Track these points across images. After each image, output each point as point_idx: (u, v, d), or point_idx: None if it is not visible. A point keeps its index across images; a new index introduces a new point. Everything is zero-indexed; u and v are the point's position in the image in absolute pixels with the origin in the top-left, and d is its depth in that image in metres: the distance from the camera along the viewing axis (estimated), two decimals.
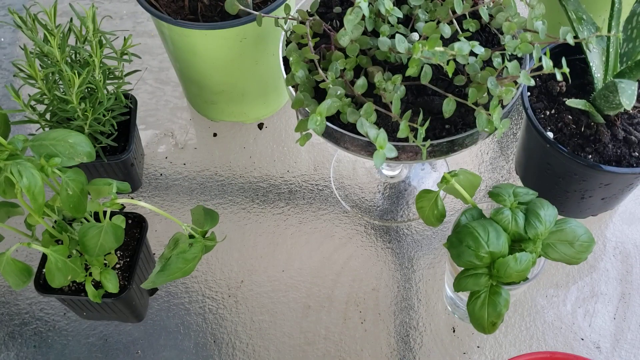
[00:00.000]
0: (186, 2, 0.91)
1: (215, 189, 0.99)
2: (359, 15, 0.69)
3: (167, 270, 0.71)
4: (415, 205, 0.75)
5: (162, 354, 0.87)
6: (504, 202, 0.73)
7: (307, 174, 1.01)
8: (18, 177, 0.65)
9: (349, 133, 0.72)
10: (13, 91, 0.80)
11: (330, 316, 0.89)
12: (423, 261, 0.92)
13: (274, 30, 0.88)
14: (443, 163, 1.01)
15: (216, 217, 0.75)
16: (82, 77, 0.80)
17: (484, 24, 0.79)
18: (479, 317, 0.70)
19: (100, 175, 0.92)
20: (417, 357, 0.86)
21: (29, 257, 0.94)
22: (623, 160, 0.83)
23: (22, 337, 0.88)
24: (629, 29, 0.84)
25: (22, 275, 0.72)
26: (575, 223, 0.72)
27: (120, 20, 1.19)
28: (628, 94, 0.73)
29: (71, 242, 0.76)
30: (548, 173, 0.87)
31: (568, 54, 0.87)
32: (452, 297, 0.85)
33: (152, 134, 1.05)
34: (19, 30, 1.04)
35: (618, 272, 0.92)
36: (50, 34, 0.80)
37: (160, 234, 0.95)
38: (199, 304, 0.90)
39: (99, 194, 0.72)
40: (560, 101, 0.88)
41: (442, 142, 0.72)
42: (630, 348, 0.86)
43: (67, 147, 0.71)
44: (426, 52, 0.66)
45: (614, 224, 0.95)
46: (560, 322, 0.88)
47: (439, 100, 0.73)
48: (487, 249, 0.69)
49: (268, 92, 1.02)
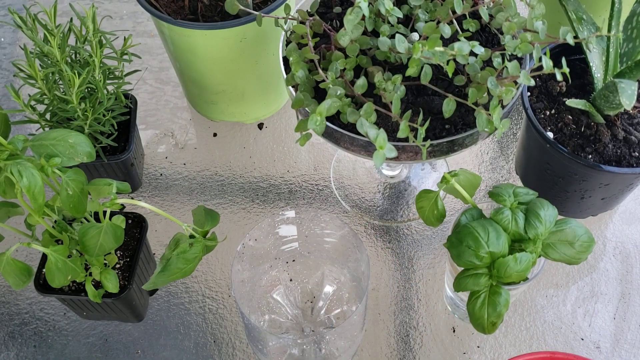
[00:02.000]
0: (186, 2, 0.91)
1: (215, 189, 0.99)
2: (359, 15, 0.69)
3: (167, 270, 0.71)
4: (415, 205, 0.75)
5: (162, 354, 0.87)
6: (504, 202, 0.73)
7: (307, 174, 1.01)
8: (18, 177, 0.65)
9: (349, 133, 0.72)
10: (13, 91, 0.80)
11: None
12: (423, 261, 0.92)
13: (274, 30, 0.88)
14: (443, 163, 1.01)
15: (217, 217, 0.75)
16: (82, 77, 0.81)
17: (484, 24, 0.79)
18: (479, 317, 0.70)
19: (100, 175, 0.92)
20: (417, 357, 0.86)
21: (29, 257, 0.94)
22: (623, 160, 0.83)
23: (22, 337, 0.88)
24: (629, 29, 0.84)
25: (22, 275, 0.72)
26: (575, 223, 0.72)
27: (120, 20, 1.19)
28: (628, 94, 0.73)
29: (71, 242, 0.76)
30: (548, 173, 0.87)
31: (568, 54, 0.87)
32: (452, 297, 0.85)
33: (152, 134, 1.05)
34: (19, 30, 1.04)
35: (618, 272, 0.92)
36: (50, 34, 0.80)
37: (160, 234, 0.95)
38: (199, 304, 0.90)
39: (99, 194, 0.72)
40: (560, 101, 0.88)
41: (442, 142, 0.72)
42: (630, 348, 0.86)
43: (67, 147, 0.71)
44: (426, 52, 0.66)
45: (614, 224, 0.95)
46: (560, 322, 0.88)
47: (439, 100, 0.73)
48: (487, 249, 0.69)
49: (268, 92, 1.02)
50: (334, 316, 0.85)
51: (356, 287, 0.86)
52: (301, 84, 0.73)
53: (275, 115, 1.06)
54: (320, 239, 0.86)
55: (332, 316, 0.85)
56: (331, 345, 0.81)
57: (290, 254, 0.88)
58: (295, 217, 0.83)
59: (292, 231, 0.85)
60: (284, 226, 0.84)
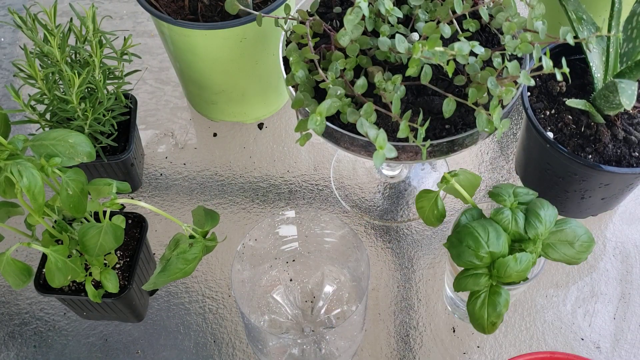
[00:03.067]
0: (186, 2, 0.91)
1: (215, 189, 0.99)
2: (359, 15, 0.69)
3: (167, 270, 0.71)
4: (415, 205, 0.75)
5: (162, 354, 0.87)
6: (504, 202, 0.73)
7: (307, 174, 1.01)
8: (18, 177, 0.65)
9: (349, 133, 0.72)
10: (13, 91, 0.80)
11: None
12: (423, 261, 0.92)
13: (274, 30, 0.88)
14: (443, 163, 1.01)
15: (217, 217, 0.75)
16: (82, 77, 0.80)
17: (484, 24, 0.79)
18: (479, 317, 0.70)
19: (100, 175, 0.92)
20: (417, 357, 0.86)
21: (29, 257, 0.94)
22: (623, 160, 0.83)
23: (22, 337, 0.88)
24: (629, 29, 0.84)
25: (22, 275, 0.72)
26: (575, 223, 0.72)
27: (120, 20, 1.19)
28: (628, 94, 0.73)
29: (71, 242, 0.76)
30: (548, 173, 0.87)
31: (568, 54, 0.87)
32: (452, 297, 0.85)
33: (152, 134, 1.05)
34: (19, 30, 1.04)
35: (618, 272, 0.92)
36: (50, 34, 0.80)
37: (160, 234, 0.95)
38: (199, 304, 0.90)
39: (99, 194, 0.71)
40: (560, 101, 0.88)
41: (442, 142, 0.72)
42: (630, 348, 0.86)
43: (67, 147, 0.71)
44: (426, 52, 0.66)
45: (614, 224, 0.95)
46: (560, 322, 0.88)
47: (439, 100, 0.73)
48: (487, 249, 0.69)
49: (268, 92, 1.02)
50: (334, 316, 0.85)
51: (356, 287, 0.86)
52: (301, 84, 0.73)
53: (275, 115, 1.06)
54: (321, 239, 0.86)
55: (332, 316, 0.85)
56: (331, 345, 0.81)
57: (290, 253, 0.88)
58: (295, 217, 0.83)
59: (292, 231, 0.85)
60: (284, 226, 0.84)
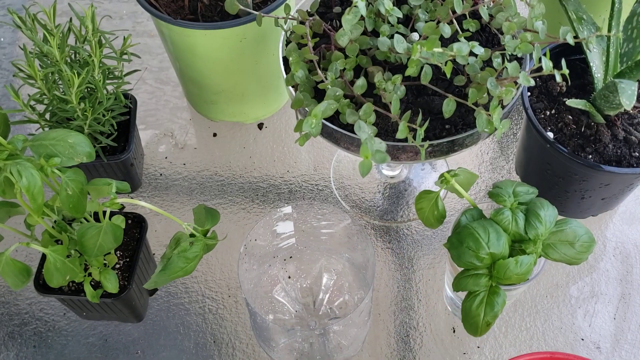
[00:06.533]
0: (186, 2, 0.91)
1: (215, 189, 0.99)
2: (357, 15, 0.69)
3: (168, 269, 0.71)
4: (415, 207, 0.75)
5: (162, 354, 0.87)
6: (504, 202, 0.73)
7: (307, 174, 1.01)
8: (17, 177, 0.65)
9: (348, 133, 0.72)
10: (13, 91, 0.80)
11: None
12: (423, 261, 0.92)
13: (274, 30, 0.88)
14: (443, 163, 1.01)
15: (217, 215, 0.75)
16: (82, 77, 0.80)
17: (484, 24, 0.79)
18: (475, 315, 0.70)
19: (100, 175, 0.92)
20: (417, 357, 0.86)
21: (29, 257, 0.94)
22: (623, 160, 0.82)
23: (22, 337, 0.88)
24: (629, 29, 0.84)
25: (21, 275, 0.71)
26: (575, 223, 0.72)
27: (120, 20, 1.19)
28: (628, 94, 0.73)
29: (70, 242, 0.76)
30: (548, 173, 0.87)
31: (568, 54, 0.87)
32: (452, 297, 0.85)
33: (152, 134, 1.05)
34: (18, 30, 1.04)
35: (618, 272, 0.91)
36: (49, 34, 0.80)
37: (160, 234, 0.95)
38: (199, 304, 0.90)
39: (99, 194, 0.71)
40: (560, 101, 0.88)
41: (442, 143, 0.72)
42: (630, 348, 0.86)
43: (67, 147, 0.71)
44: (425, 52, 0.65)
45: (614, 224, 0.95)
46: (560, 322, 0.88)
47: (439, 101, 0.73)
48: (487, 250, 0.69)
49: (268, 92, 1.02)
50: (336, 307, 0.85)
51: (357, 275, 0.86)
52: (301, 84, 0.73)
53: (275, 115, 1.06)
54: (317, 231, 0.86)
55: (334, 307, 0.85)
56: (339, 335, 0.81)
57: (288, 250, 0.88)
58: (291, 212, 0.83)
59: (289, 227, 0.85)
60: (281, 223, 0.84)
